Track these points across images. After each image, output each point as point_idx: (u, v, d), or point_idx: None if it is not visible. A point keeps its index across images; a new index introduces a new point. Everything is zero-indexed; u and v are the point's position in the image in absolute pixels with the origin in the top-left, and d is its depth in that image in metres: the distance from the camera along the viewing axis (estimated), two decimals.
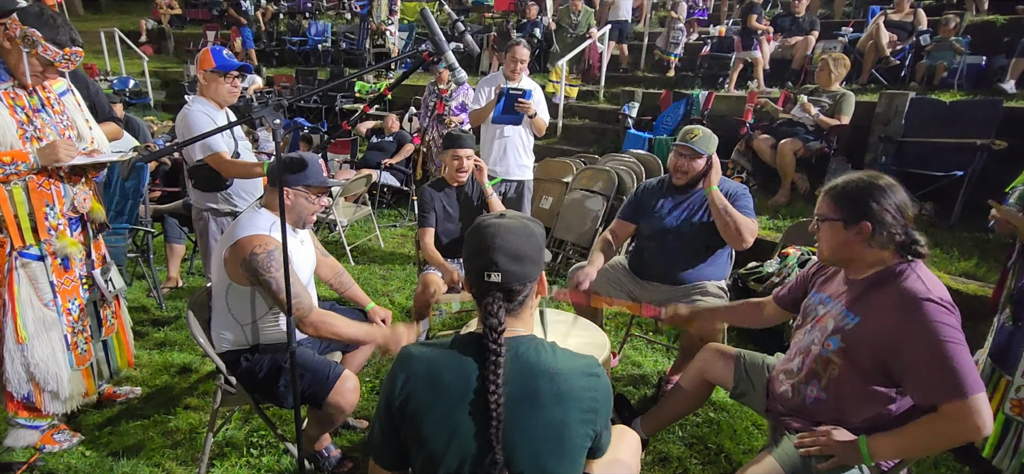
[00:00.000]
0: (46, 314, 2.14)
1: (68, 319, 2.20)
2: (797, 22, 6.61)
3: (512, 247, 1.12)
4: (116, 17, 14.03)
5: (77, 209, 2.17)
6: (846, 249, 1.54)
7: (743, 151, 4.85)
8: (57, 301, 2.16)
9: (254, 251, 1.80)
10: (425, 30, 2.03)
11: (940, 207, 4.18)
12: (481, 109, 3.73)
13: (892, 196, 1.48)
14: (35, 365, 2.13)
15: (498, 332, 1.09)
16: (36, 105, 2.07)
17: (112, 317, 2.42)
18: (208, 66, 2.60)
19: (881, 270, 1.51)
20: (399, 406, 1.14)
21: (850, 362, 1.50)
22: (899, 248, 1.49)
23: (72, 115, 2.20)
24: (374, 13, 9.99)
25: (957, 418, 1.32)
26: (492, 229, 1.13)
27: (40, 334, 2.13)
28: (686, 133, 2.48)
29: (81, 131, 2.22)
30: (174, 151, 3.55)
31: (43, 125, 2.07)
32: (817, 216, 1.60)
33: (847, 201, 1.52)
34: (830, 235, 1.57)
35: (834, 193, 1.56)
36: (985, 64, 5.36)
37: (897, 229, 1.47)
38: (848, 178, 1.56)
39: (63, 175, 2.12)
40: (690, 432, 2.43)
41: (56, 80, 2.16)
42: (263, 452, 2.27)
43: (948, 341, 1.33)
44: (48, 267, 2.13)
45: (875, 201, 1.47)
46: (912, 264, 1.48)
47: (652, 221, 2.58)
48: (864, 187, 1.50)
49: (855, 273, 1.57)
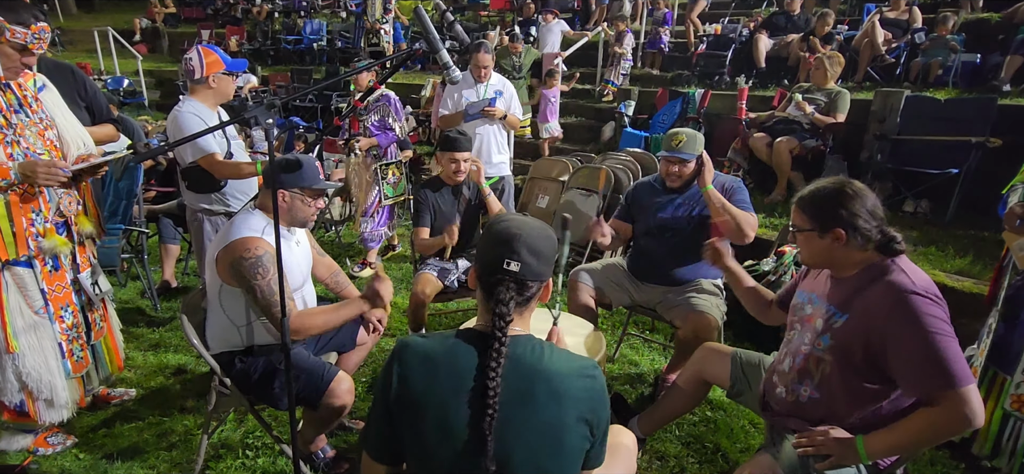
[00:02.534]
0: (37, 321, 2.09)
1: (61, 326, 2.16)
2: (792, 20, 6.63)
3: (533, 243, 1.15)
4: (110, 16, 13.94)
5: (63, 213, 2.12)
6: (826, 255, 1.56)
7: (739, 149, 4.86)
8: (49, 308, 2.11)
9: (242, 255, 1.78)
10: (418, 28, 2.03)
11: (935, 205, 4.19)
12: (450, 114, 3.90)
13: (862, 202, 1.49)
14: (27, 374, 2.08)
15: (506, 321, 1.11)
16: (14, 104, 2.00)
17: (101, 320, 2.38)
18: (219, 68, 2.61)
19: (865, 268, 1.52)
20: (395, 398, 1.14)
21: (841, 359, 1.51)
22: (877, 247, 1.50)
23: (51, 112, 2.13)
24: (369, 11, 9.97)
25: (948, 409, 1.33)
26: (517, 223, 1.18)
27: (31, 342, 2.08)
28: (671, 140, 2.46)
29: (60, 129, 2.13)
30: (166, 152, 3.54)
31: (21, 127, 1.99)
32: (792, 227, 1.62)
33: (817, 211, 1.54)
34: (807, 244, 1.59)
35: (804, 204, 1.57)
36: (980, 62, 5.38)
37: (872, 231, 1.48)
38: (816, 187, 1.57)
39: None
40: (687, 431, 2.43)
41: (31, 76, 2.10)
42: (258, 454, 2.26)
43: (936, 333, 1.34)
44: (37, 273, 2.08)
45: (844, 208, 1.48)
46: (895, 259, 1.49)
47: (648, 219, 2.58)
48: (832, 195, 1.52)
49: (840, 272, 1.58)
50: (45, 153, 2.05)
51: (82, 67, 8.49)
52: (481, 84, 3.86)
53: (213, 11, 13.29)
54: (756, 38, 6.50)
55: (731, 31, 7.19)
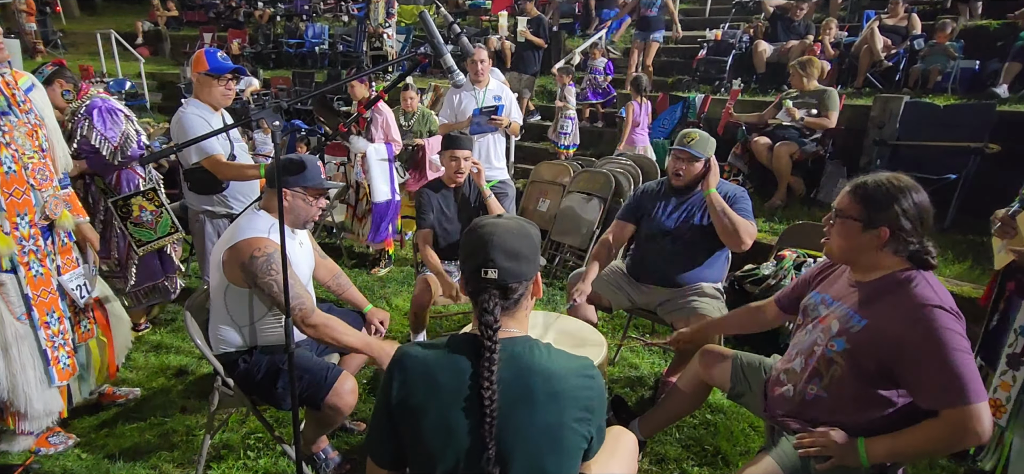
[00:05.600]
0: (18, 328, 2.02)
1: (47, 332, 2.09)
2: (792, 26, 6.66)
3: (509, 245, 1.14)
4: (112, 19, 14.00)
5: (48, 217, 2.08)
6: (856, 251, 1.52)
7: (740, 154, 4.88)
8: (33, 314, 2.05)
9: (253, 255, 1.80)
10: (422, 32, 2.03)
11: (934, 210, 4.18)
12: (454, 123, 3.89)
13: (917, 209, 1.45)
14: (1, 387, 2.03)
15: (494, 329, 1.11)
16: (3, 105, 1.96)
17: (89, 323, 2.32)
18: (202, 68, 2.59)
19: (888, 274, 1.50)
20: (396, 406, 1.15)
21: (853, 364, 1.50)
22: (911, 256, 1.48)
23: (40, 112, 2.10)
24: (371, 16, 10.00)
25: (958, 424, 1.33)
26: (489, 228, 1.16)
27: (9, 351, 2.01)
28: (683, 137, 2.49)
29: (49, 129, 2.11)
30: (170, 154, 3.56)
31: (11, 128, 1.96)
32: (835, 210, 1.55)
33: (871, 202, 1.47)
34: (844, 233, 1.53)
35: (860, 192, 1.50)
36: (978, 68, 5.40)
37: (913, 238, 1.46)
38: (876, 178, 1.49)
39: (34, 183, 2.02)
40: (687, 433, 2.44)
41: (20, 75, 2.07)
42: (260, 454, 2.27)
43: (956, 349, 1.34)
44: (22, 279, 2.01)
45: (899, 205, 1.44)
46: (920, 272, 1.47)
47: (651, 223, 2.59)
48: (890, 189, 1.45)
49: (861, 275, 1.55)
50: (34, 154, 2.03)
51: (84, 70, 8.56)
52: (480, 89, 3.84)
53: (215, 14, 13.34)
54: (756, 44, 6.53)
55: (731, 37, 7.22)
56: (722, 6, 9.14)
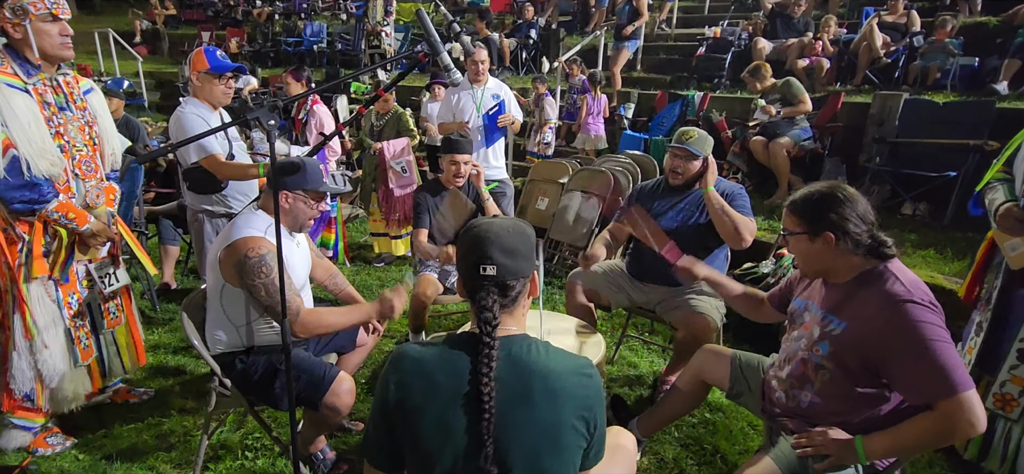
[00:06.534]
0: (53, 310, 2.15)
1: (69, 313, 2.20)
2: (792, 23, 6.65)
3: (506, 242, 1.15)
4: (110, 17, 13.96)
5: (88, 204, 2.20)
6: (818, 260, 1.57)
7: (738, 152, 4.88)
8: (57, 294, 2.17)
9: (247, 254, 1.79)
10: (420, 31, 2.02)
11: (933, 207, 4.20)
12: (451, 123, 3.85)
13: (852, 206, 1.49)
14: (42, 362, 2.14)
15: (492, 325, 1.11)
16: (61, 102, 2.11)
17: (116, 310, 2.41)
18: (202, 67, 2.59)
19: (859, 274, 1.52)
20: (393, 407, 1.15)
21: (840, 366, 1.51)
22: (868, 251, 1.51)
23: (95, 112, 2.24)
24: (370, 14, 9.98)
25: (950, 416, 1.33)
26: (486, 227, 1.17)
27: (49, 330, 2.14)
28: (681, 135, 2.48)
29: (103, 127, 2.26)
30: (169, 153, 3.55)
31: (66, 122, 2.11)
32: (783, 231, 1.63)
33: (808, 213, 1.54)
34: (799, 248, 1.60)
35: (795, 207, 1.58)
36: (978, 65, 5.40)
37: (862, 235, 1.49)
38: (808, 191, 1.58)
39: (79, 173, 2.15)
40: (686, 433, 2.44)
41: (82, 79, 2.23)
42: (258, 455, 2.26)
43: (933, 340, 1.34)
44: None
45: (834, 212, 1.49)
46: (888, 265, 1.49)
47: None
48: (822, 199, 1.53)
49: (834, 278, 1.58)
50: (84, 147, 2.18)
51: (82, 69, 8.55)
52: (478, 88, 3.79)
53: (214, 13, 13.32)
54: (755, 41, 6.53)
55: (730, 34, 7.21)
56: (721, 3, 9.15)
